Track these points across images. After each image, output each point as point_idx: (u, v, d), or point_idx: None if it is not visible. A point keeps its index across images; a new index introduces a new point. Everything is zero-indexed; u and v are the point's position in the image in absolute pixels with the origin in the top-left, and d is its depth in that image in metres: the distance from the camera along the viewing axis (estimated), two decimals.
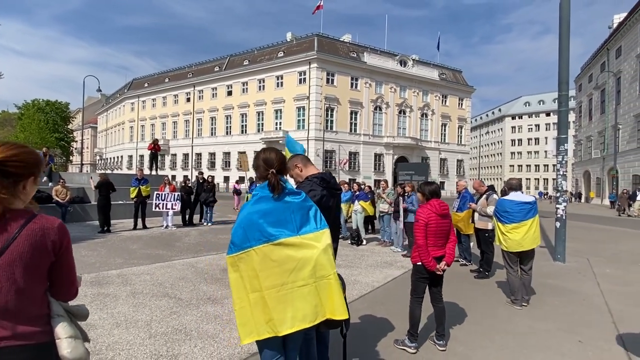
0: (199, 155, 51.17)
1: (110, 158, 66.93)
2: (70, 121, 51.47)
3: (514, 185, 5.09)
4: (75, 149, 58.33)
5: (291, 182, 2.47)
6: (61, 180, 11.36)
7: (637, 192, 21.84)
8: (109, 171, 42.42)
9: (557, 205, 7.56)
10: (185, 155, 52.81)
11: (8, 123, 48.62)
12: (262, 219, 1.81)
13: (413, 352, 3.28)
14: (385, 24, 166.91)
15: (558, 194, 7.65)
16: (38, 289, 1.32)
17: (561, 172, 7.58)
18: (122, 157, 62.78)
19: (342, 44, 44.77)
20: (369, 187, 11.48)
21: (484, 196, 6.10)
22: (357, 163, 43.37)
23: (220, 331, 3.63)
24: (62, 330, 1.35)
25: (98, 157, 71.45)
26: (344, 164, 41.47)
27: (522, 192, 5.08)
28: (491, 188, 6.20)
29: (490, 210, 5.74)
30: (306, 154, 2.75)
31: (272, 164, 1.97)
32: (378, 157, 44.82)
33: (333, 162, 41.33)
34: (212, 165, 48.98)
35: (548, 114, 77.49)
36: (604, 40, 39.16)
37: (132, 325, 3.71)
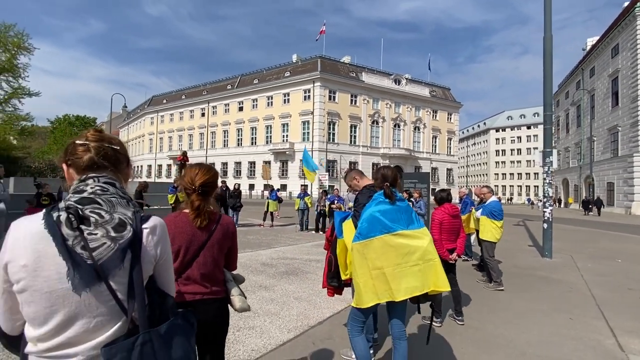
0: (212, 165, 51.66)
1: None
2: None
3: (493, 191, 5.91)
4: None
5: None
6: None
7: None
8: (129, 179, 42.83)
9: (544, 209, 8.08)
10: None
11: (39, 136, 49.13)
12: (382, 217, 2.27)
13: (439, 326, 3.78)
14: (380, 47, 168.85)
15: (545, 200, 8.18)
16: (222, 262, 1.84)
17: (547, 181, 8.12)
18: (142, 166, 63.35)
19: (342, 65, 45.71)
20: None
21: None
22: (345, 172, 43.85)
23: (280, 310, 4.12)
24: (234, 290, 1.87)
25: None
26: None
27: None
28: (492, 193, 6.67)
29: (479, 213, 6.25)
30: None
31: (388, 178, 2.47)
32: (376, 166, 45.29)
33: (335, 171, 41.88)
34: (224, 173, 49.47)
35: (529, 127, 78.48)
36: (579, 61, 40.10)
37: None
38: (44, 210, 0.93)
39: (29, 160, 28.04)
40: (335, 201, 10.36)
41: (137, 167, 65.16)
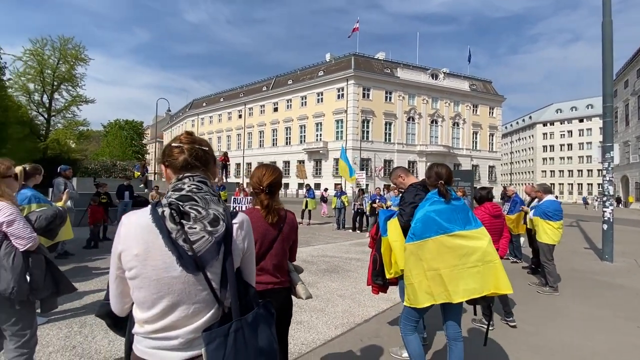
0: (249, 164, 53.30)
1: None
2: (143, 137, 55.70)
3: (550, 189, 5.44)
4: (142, 160, 63.05)
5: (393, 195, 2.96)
6: (155, 187, 12.67)
7: None
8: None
9: (604, 209, 7.46)
10: (238, 165, 55.23)
11: (94, 139, 53.49)
12: (438, 217, 2.22)
13: (492, 329, 3.64)
14: (416, 41, 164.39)
15: (605, 198, 7.55)
16: (287, 254, 1.93)
17: (607, 178, 7.48)
18: None
19: (376, 62, 45.07)
20: None
21: (536, 199, 6.24)
22: (391, 170, 43.12)
23: (325, 306, 4.19)
24: (297, 279, 1.96)
25: None
26: (379, 171, 41.50)
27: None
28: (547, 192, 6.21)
29: (532, 213, 5.86)
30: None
31: (442, 176, 2.40)
32: (411, 164, 44.29)
33: (369, 169, 41.45)
34: None
35: (581, 120, 72.58)
36: None
37: None
38: (149, 206, 1.04)
39: (86, 162, 30.63)
40: (377, 200, 10.29)
41: None
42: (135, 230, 0.99)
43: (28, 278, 1.98)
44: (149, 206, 1.04)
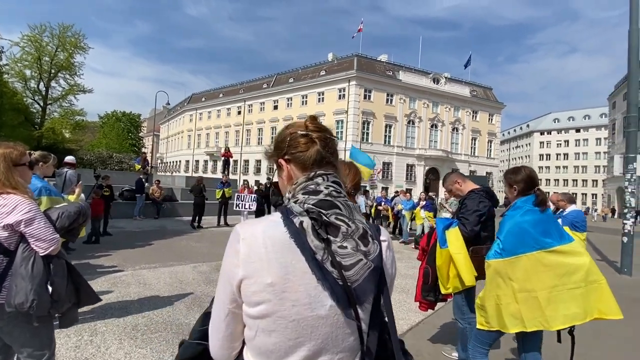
0: (246, 161, 52.86)
1: (170, 162, 70.61)
2: (140, 129, 54.91)
3: (574, 199, 5.40)
4: (143, 152, 62.08)
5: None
6: (156, 181, 12.28)
7: None
8: (168, 173, 44.76)
9: (625, 221, 7.28)
10: (235, 162, 54.66)
11: (89, 130, 52.64)
12: (532, 229, 1.90)
13: None
14: (419, 45, 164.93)
15: (625, 210, 7.37)
16: None
17: (629, 190, 7.31)
18: (180, 161, 66.00)
19: (379, 64, 44.87)
20: (430, 197, 11.48)
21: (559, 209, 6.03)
22: (390, 172, 43.03)
23: None
24: None
25: (159, 161, 75.32)
26: (378, 173, 41.29)
27: None
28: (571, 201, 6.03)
29: None
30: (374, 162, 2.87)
31: (536, 180, 2.07)
32: (410, 167, 44.25)
33: None
34: (257, 170, 50.44)
35: (578, 130, 73.22)
36: None
37: None
38: (278, 214, 0.74)
39: (81, 153, 29.99)
40: (383, 203, 10.03)
41: (176, 162, 68.06)
42: (265, 248, 0.69)
43: (50, 288, 1.66)
44: (277, 213, 0.74)
